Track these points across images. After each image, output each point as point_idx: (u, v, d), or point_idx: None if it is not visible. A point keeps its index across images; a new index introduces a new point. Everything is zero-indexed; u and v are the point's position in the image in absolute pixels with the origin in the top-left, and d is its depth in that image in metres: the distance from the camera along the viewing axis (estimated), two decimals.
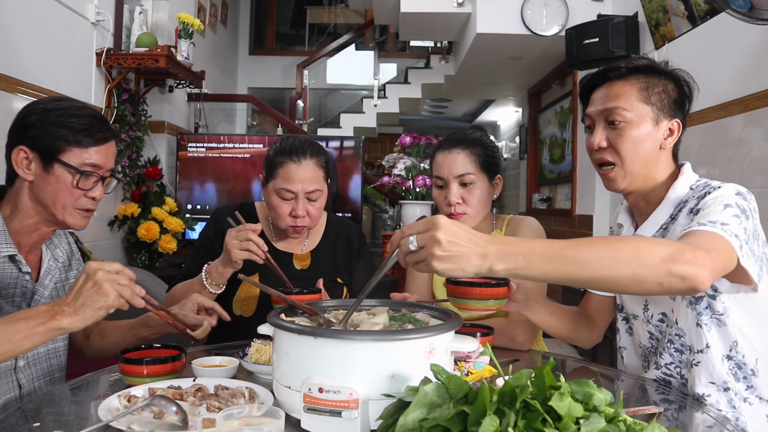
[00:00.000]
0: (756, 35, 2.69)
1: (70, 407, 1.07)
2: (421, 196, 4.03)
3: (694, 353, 1.23)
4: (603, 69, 1.32)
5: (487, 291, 1.19)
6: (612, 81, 1.29)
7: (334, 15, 8.72)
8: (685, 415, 1.14)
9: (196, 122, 4.75)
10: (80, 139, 1.28)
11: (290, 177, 1.61)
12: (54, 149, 1.27)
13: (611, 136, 1.28)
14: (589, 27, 3.93)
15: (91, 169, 1.30)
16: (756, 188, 2.71)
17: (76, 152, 1.28)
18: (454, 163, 1.65)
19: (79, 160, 1.28)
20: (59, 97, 1.34)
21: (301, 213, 1.62)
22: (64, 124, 1.27)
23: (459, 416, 0.74)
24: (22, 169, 1.28)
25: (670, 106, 1.27)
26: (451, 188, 1.65)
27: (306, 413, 0.87)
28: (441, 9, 5.05)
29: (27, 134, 1.28)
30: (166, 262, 3.88)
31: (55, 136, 1.27)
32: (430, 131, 9.02)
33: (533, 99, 7.46)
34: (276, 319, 0.96)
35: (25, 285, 1.31)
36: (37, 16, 2.69)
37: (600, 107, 1.29)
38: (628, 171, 1.28)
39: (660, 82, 1.28)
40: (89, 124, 1.30)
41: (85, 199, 1.31)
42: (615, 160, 1.28)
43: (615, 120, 1.26)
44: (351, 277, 1.79)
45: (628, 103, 1.26)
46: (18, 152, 1.28)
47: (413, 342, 0.89)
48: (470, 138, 1.69)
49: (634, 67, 1.28)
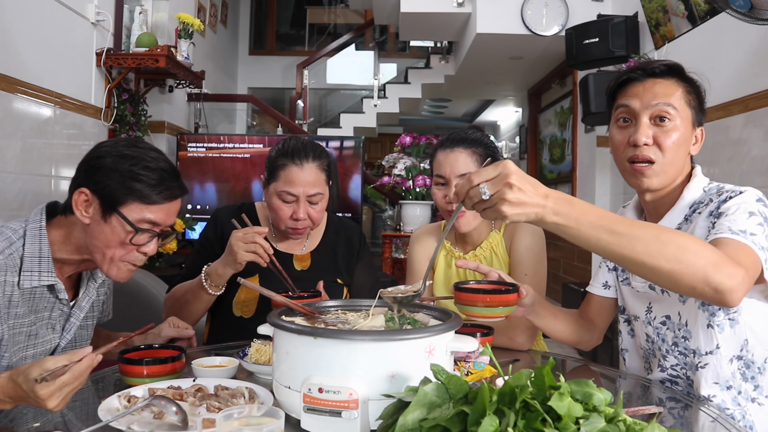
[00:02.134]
0: (756, 35, 2.69)
1: (70, 407, 1.07)
2: (421, 196, 4.03)
3: (700, 356, 1.23)
4: (643, 63, 1.31)
5: (496, 298, 1.18)
6: (655, 78, 1.27)
7: (334, 15, 8.72)
8: (691, 413, 1.14)
9: (196, 122, 4.75)
10: (146, 194, 1.21)
11: (292, 180, 1.60)
12: (116, 200, 1.20)
13: (657, 133, 1.25)
14: (589, 27, 3.93)
15: (149, 226, 1.23)
16: (756, 188, 2.72)
17: (137, 207, 1.21)
18: (456, 162, 1.65)
19: (139, 216, 1.22)
20: (134, 142, 1.28)
21: (302, 216, 1.61)
22: (134, 176, 1.21)
23: (459, 416, 0.74)
24: (80, 211, 1.22)
25: (700, 113, 1.29)
26: (451, 187, 1.65)
27: (306, 413, 0.87)
28: (441, 9, 5.05)
29: (94, 177, 1.22)
30: (166, 262, 3.88)
31: (121, 186, 1.20)
32: (430, 131, 9.04)
33: (533, 99, 7.46)
34: (276, 320, 0.96)
35: (62, 309, 1.30)
36: (37, 16, 2.69)
37: (649, 101, 1.26)
38: (663, 170, 1.26)
39: (692, 88, 1.29)
40: (159, 179, 1.23)
41: (136, 253, 1.24)
42: (657, 158, 1.25)
43: (665, 117, 1.24)
44: (351, 278, 1.79)
45: (678, 103, 1.25)
46: (79, 194, 1.22)
47: (413, 342, 0.89)
48: (472, 137, 1.69)
49: (669, 67, 1.27)
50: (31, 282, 1.20)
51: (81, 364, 0.97)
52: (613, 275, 1.46)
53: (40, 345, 1.27)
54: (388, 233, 4.33)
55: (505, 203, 0.93)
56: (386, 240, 4.27)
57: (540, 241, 1.69)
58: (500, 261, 1.70)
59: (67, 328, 1.32)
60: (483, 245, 1.73)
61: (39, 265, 1.21)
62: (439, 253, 1.79)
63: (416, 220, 4.06)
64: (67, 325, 1.31)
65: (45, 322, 1.27)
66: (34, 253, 1.21)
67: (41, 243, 1.22)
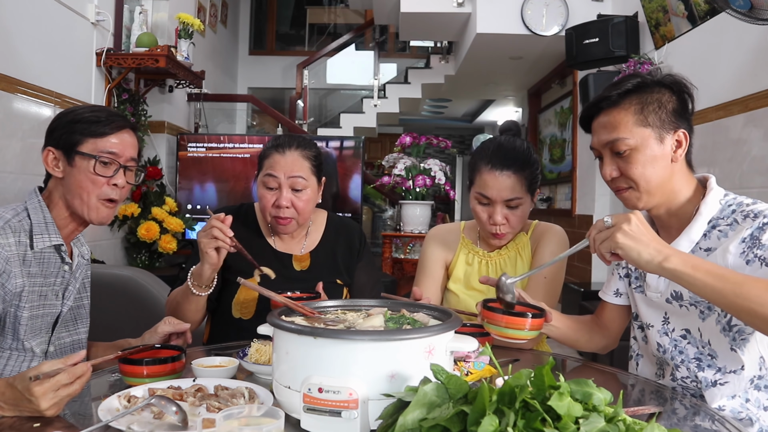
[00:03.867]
0: (756, 35, 2.69)
1: (70, 407, 1.07)
2: (421, 196, 4.03)
3: (724, 373, 1.24)
4: (596, 99, 1.31)
5: (524, 322, 1.20)
6: (607, 110, 1.28)
7: (334, 15, 8.72)
8: (695, 413, 1.14)
9: (196, 122, 4.75)
10: (94, 129, 1.37)
11: (273, 165, 1.64)
12: (73, 143, 1.36)
13: (620, 165, 1.27)
14: (589, 27, 3.93)
15: (109, 156, 1.37)
16: (756, 188, 2.71)
17: (92, 142, 1.36)
18: (504, 185, 1.60)
19: (96, 148, 1.36)
20: (86, 105, 1.44)
21: (284, 203, 1.61)
22: (81, 119, 1.37)
23: (458, 416, 0.74)
24: (52, 168, 1.38)
25: (669, 119, 1.25)
26: (497, 209, 1.63)
27: (306, 413, 0.87)
28: (441, 9, 5.05)
29: (52, 136, 1.39)
30: (166, 262, 3.88)
31: (73, 130, 1.36)
32: (430, 131, 9.04)
33: (533, 99, 7.47)
34: (276, 320, 0.96)
35: (64, 275, 1.41)
36: (37, 16, 2.69)
37: (603, 139, 1.28)
38: (643, 192, 1.27)
39: (653, 98, 1.26)
40: (105, 116, 1.39)
41: (107, 187, 1.38)
42: (629, 184, 1.28)
43: (619, 150, 1.26)
44: (351, 278, 1.79)
45: (627, 130, 1.25)
46: (47, 154, 1.38)
47: (413, 342, 0.89)
48: (521, 158, 1.63)
49: (624, 91, 1.27)
50: (43, 242, 1.34)
51: (77, 367, 1.01)
52: (624, 283, 1.46)
53: (48, 307, 1.38)
54: (388, 233, 4.33)
55: (620, 231, 1.06)
56: (386, 240, 4.27)
57: (564, 250, 1.69)
58: (524, 262, 1.71)
59: (66, 295, 1.42)
60: (509, 245, 1.73)
61: (47, 229, 1.36)
62: (459, 251, 1.79)
63: (416, 220, 4.06)
64: (66, 292, 1.42)
65: (51, 287, 1.38)
66: (40, 220, 1.36)
67: (43, 212, 1.37)
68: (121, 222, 3.62)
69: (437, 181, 3.97)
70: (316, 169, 1.68)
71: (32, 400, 0.97)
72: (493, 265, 1.73)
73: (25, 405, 0.99)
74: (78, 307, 1.49)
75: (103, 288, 1.63)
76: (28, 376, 0.98)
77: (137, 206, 3.66)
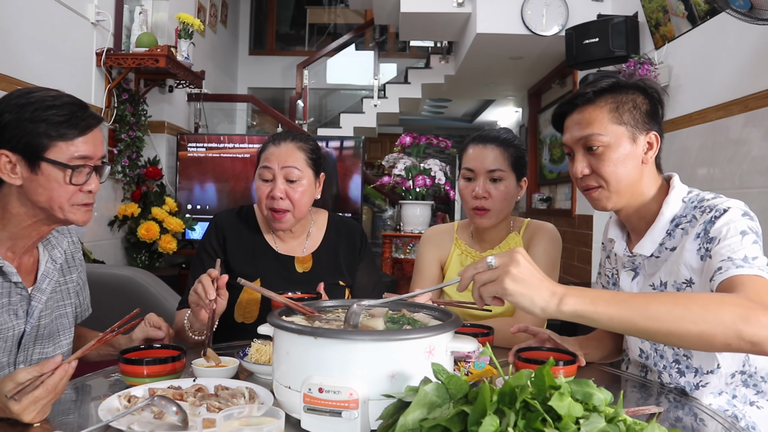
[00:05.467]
0: (756, 35, 2.69)
1: (70, 407, 1.07)
2: (421, 196, 4.03)
3: (702, 374, 1.24)
4: (570, 96, 1.32)
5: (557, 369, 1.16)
6: (582, 107, 1.29)
7: (334, 15, 8.72)
8: (687, 413, 1.14)
9: (196, 122, 4.75)
10: (63, 131, 1.18)
11: (268, 157, 1.65)
12: (38, 147, 1.17)
13: (592, 162, 1.27)
14: (589, 27, 3.93)
15: (82, 161, 1.20)
16: (756, 188, 2.71)
17: (61, 147, 1.18)
18: (487, 157, 1.68)
19: (67, 154, 1.19)
20: (30, 89, 1.23)
21: (278, 194, 1.61)
22: (42, 118, 1.17)
23: (459, 416, 0.74)
24: (6, 174, 1.17)
25: (643, 120, 1.27)
26: (479, 181, 1.67)
27: (306, 413, 0.87)
28: (441, 9, 5.05)
29: (4, 136, 1.17)
30: (166, 262, 3.88)
31: (36, 132, 1.16)
32: (430, 131, 9.03)
33: (533, 99, 7.46)
34: (276, 320, 0.96)
35: (20, 293, 1.25)
36: (37, 16, 2.69)
37: (576, 135, 1.29)
38: (613, 191, 1.27)
39: (628, 98, 1.27)
40: (69, 113, 1.20)
41: (81, 194, 1.23)
42: (600, 183, 1.28)
43: (592, 146, 1.26)
44: (353, 279, 1.78)
45: (602, 127, 1.25)
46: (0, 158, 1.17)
47: (413, 342, 0.89)
48: (504, 137, 1.71)
49: (599, 89, 1.27)
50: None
51: (54, 376, 0.96)
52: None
53: (3, 332, 1.22)
54: (388, 233, 4.33)
55: (508, 276, 0.93)
56: (386, 240, 4.27)
57: (557, 248, 1.71)
58: None
59: (30, 312, 1.26)
60: (501, 245, 1.74)
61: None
62: (452, 251, 1.79)
63: (416, 220, 4.06)
64: (29, 309, 1.26)
65: (4, 309, 1.22)
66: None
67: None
68: (121, 222, 3.62)
69: (437, 181, 3.97)
70: (312, 162, 1.67)
71: (14, 416, 0.95)
72: None
73: (7, 412, 0.96)
74: (59, 317, 1.36)
75: (103, 288, 1.62)
76: (4, 393, 0.94)
77: (137, 206, 3.66)
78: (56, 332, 1.35)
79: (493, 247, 1.74)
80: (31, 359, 1.28)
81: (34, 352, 1.30)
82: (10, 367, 1.24)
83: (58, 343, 1.35)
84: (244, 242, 1.71)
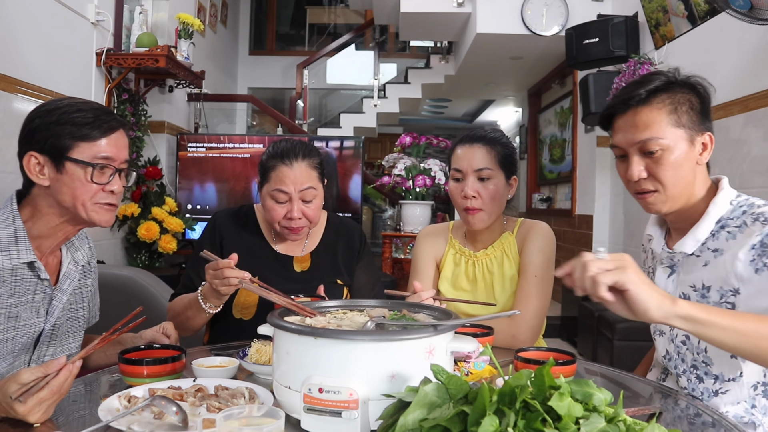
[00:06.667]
0: (756, 35, 2.69)
1: (70, 407, 1.07)
2: (421, 196, 4.04)
3: (722, 381, 1.22)
4: (623, 96, 1.24)
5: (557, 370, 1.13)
6: (636, 108, 1.22)
7: (334, 15, 8.72)
8: (694, 414, 1.14)
9: (196, 122, 4.75)
10: (86, 132, 1.24)
11: (282, 179, 1.61)
12: (62, 148, 1.23)
13: (649, 165, 1.22)
14: (589, 27, 3.93)
15: (104, 161, 1.26)
16: (756, 188, 2.71)
17: (84, 147, 1.24)
18: (474, 156, 1.67)
19: (90, 154, 1.25)
20: (61, 98, 1.31)
21: (296, 215, 1.61)
22: (67, 120, 1.24)
23: (459, 416, 0.74)
24: (35, 176, 1.25)
25: (699, 121, 1.22)
26: (468, 181, 1.66)
27: (306, 413, 0.87)
28: (441, 9, 5.06)
29: (33, 139, 1.25)
30: (166, 262, 3.88)
31: (61, 134, 1.23)
32: (430, 131, 9.03)
33: (533, 99, 7.47)
34: (276, 320, 0.96)
35: (44, 291, 1.29)
36: (37, 16, 2.69)
37: (631, 138, 1.22)
38: (669, 196, 1.23)
39: (684, 98, 1.22)
40: (94, 116, 1.26)
41: (103, 193, 1.27)
42: (656, 187, 1.23)
43: (652, 150, 1.20)
44: (352, 278, 1.79)
45: (661, 130, 1.20)
46: (29, 159, 1.25)
47: (413, 342, 0.89)
48: (491, 136, 1.71)
49: (653, 89, 1.21)
50: (10, 261, 1.21)
51: (59, 377, 0.97)
52: None
53: (22, 327, 1.25)
54: (388, 233, 4.34)
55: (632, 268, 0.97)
56: (386, 240, 4.27)
57: (551, 245, 1.69)
58: (511, 261, 1.70)
59: (50, 311, 1.31)
60: (495, 245, 1.73)
61: (16, 244, 1.23)
62: (447, 251, 1.79)
63: (416, 220, 4.06)
64: (50, 308, 1.31)
65: (28, 305, 1.26)
66: (10, 234, 1.23)
67: (15, 224, 1.25)
68: (121, 222, 3.62)
69: (437, 181, 3.97)
70: (321, 175, 1.69)
71: (19, 417, 0.95)
72: (479, 265, 1.73)
73: (11, 413, 0.96)
74: (71, 319, 1.39)
75: (103, 288, 1.62)
76: (8, 394, 0.95)
77: (137, 206, 3.66)
78: (67, 334, 1.38)
79: (486, 246, 1.74)
80: (43, 359, 1.30)
81: (47, 352, 1.32)
82: (25, 365, 1.25)
83: (67, 344, 1.37)
84: (243, 241, 1.71)
